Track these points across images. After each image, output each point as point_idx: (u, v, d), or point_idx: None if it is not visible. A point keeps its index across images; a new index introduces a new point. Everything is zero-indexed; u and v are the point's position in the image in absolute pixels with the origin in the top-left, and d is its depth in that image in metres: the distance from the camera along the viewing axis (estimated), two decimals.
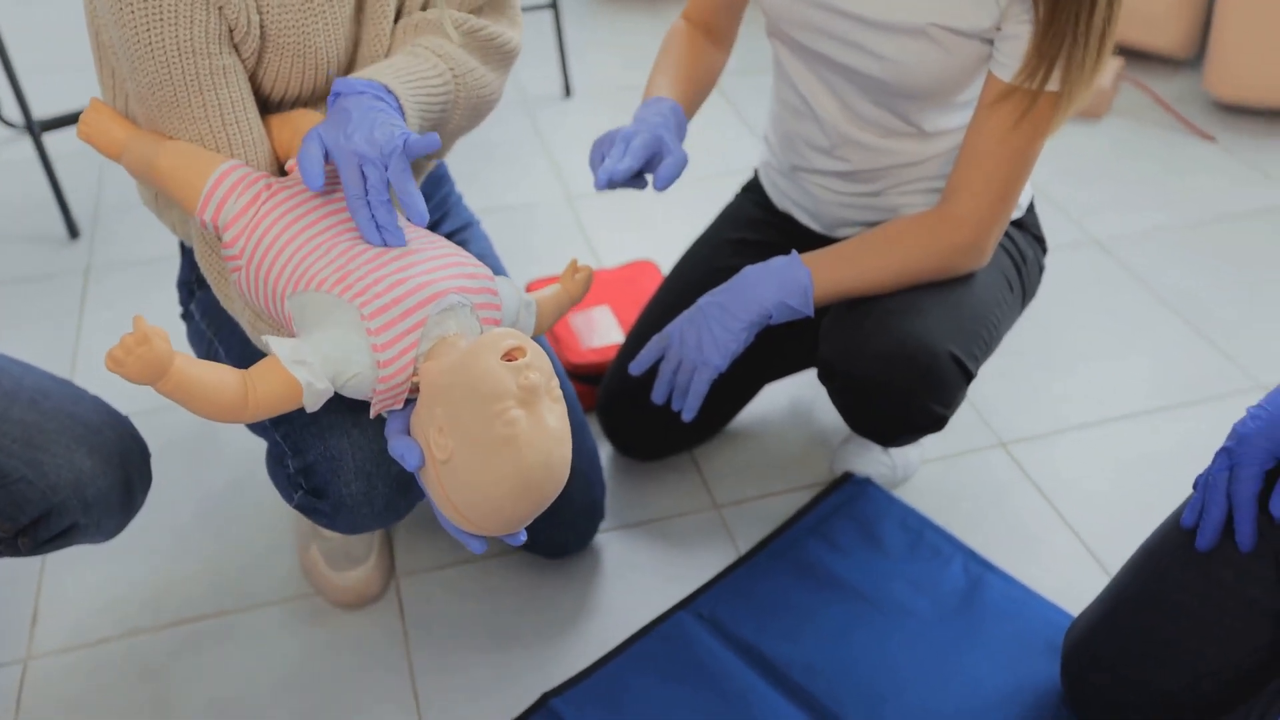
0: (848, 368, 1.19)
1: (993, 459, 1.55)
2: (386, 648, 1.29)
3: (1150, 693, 1.07)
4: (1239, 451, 1.01)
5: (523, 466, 0.83)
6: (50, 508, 1.01)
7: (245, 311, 1.02)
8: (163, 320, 1.79)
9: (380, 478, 1.04)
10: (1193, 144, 2.28)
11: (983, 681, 1.25)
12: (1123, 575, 1.13)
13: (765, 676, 1.25)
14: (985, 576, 1.37)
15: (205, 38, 0.94)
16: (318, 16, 0.99)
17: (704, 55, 1.30)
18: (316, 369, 0.86)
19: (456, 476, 0.84)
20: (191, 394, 0.83)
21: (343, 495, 1.04)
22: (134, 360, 0.78)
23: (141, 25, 0.92)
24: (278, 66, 1.01)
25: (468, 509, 0.85)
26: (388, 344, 0.88)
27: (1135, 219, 2.05)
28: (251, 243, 0.95)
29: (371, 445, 1.04)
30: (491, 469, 0.83)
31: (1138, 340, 1.76)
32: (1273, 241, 1.99)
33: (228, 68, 0.97)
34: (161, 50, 0.93)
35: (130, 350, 0.77)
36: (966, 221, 1.18)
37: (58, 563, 1.39)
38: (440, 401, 0.85)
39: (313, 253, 0.92)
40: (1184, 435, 1.58)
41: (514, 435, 0.82)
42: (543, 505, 0.87)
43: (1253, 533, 1.00)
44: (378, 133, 0.90)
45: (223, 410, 0.85)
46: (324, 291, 0.90)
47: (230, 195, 0.96)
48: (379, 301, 0.88)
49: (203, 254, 1.04)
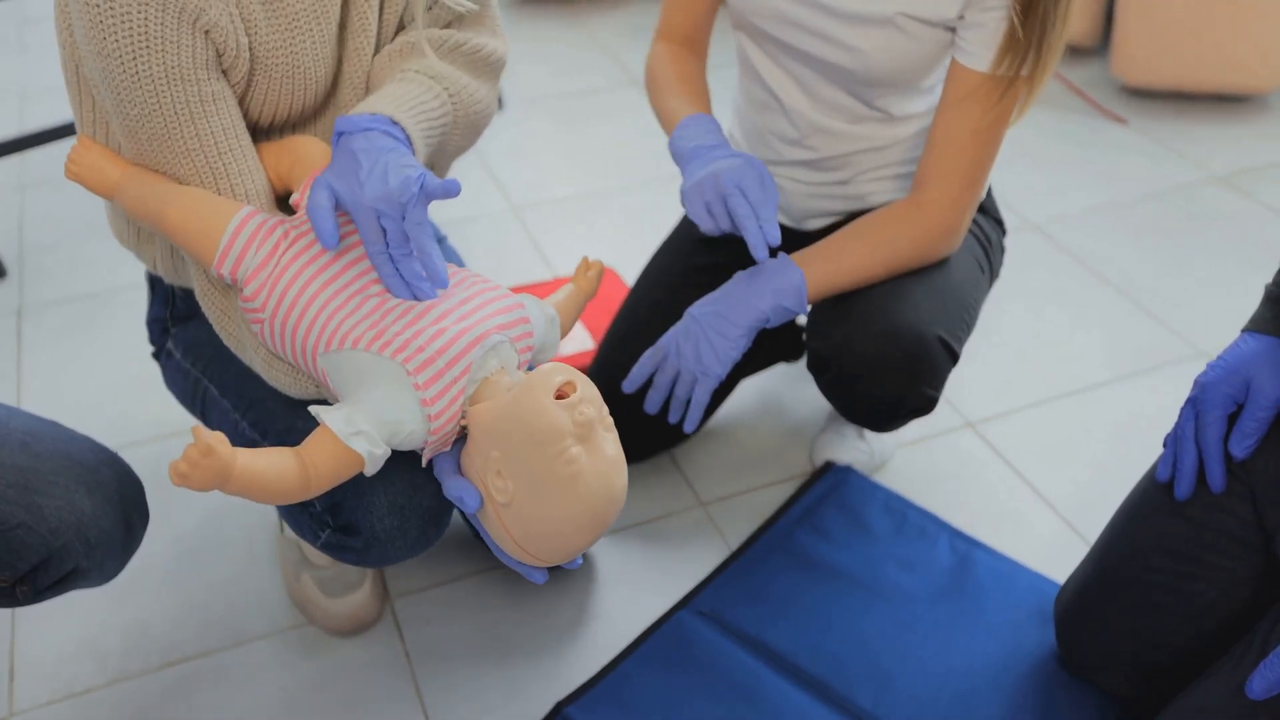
0: (840, 358, 1.21)
1: (963, 439, 1.59)
2: (390, 672, 1.27)
3: (1150, 638, 1.11)
4: (1203, 399, 1.06)
5: (587, 500, 0.84)
6: (51, 553, 0.97)
7: (258, 354, 0.99)
8: (121, 359, 1.73)
9: (412, 511, 1.02)
10: (1107, 127, 2.38)
11: (981, 652, 1.28)
12: (1107, 535, 1.18)
13: (772, 666, 1.26)
14: (972, 553, 1.40)
15: (193, 63, 0.91)
16: (305, 35, 0.97)
17: (696, 69, 1.33)
18: (373, 435, 0.85)
19: (520, 516, 0.84)
20: (256, 488, 0.81)
21: (375, 531, 1.01)
22: (200, 472, 0.76)
23: (127, 54, 0.88)
24: (266, 89, 0.98)
25: (533, 545, 0.84)
26: (436, 396, 0.86)
27: (1066, 202, 2.13)
28: (274, 298, 0.92)
29: (402, 479, 1.02)
30: (557, 507, 0.83)
31: (1083, 317, 1.83)
32: (1193, 215, 2.09)
33: (217, 94, 0.94)
34: (149, 78, 0.89)
35: (196, 463, 0.76)
36: (942, 207, 1.22)
37: (29, 615, 1.33)
38: (496, 445, 0.84)
39: (342, 308, 0.89)
40: (1139, 403, 1.65)
41: (577, 473, 0.82)
42: (604, 530, 0.87)
43: (1223, 474, 1.06)
44: (391, 180, 0.87)
45: (288, 496, 0.84)
46: (361, 350, 0.87)
47: (249, 248, 0.92)
48: (422, 356, 0.87)
49: (205, 292, 1.00)
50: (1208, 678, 1.01)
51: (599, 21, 2.91)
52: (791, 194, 1.40)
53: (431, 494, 1.04)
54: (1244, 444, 1.03)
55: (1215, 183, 2.19)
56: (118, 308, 1.85)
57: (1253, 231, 2.05)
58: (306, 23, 0.97)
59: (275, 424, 1.08)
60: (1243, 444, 1.03)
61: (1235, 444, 1.04)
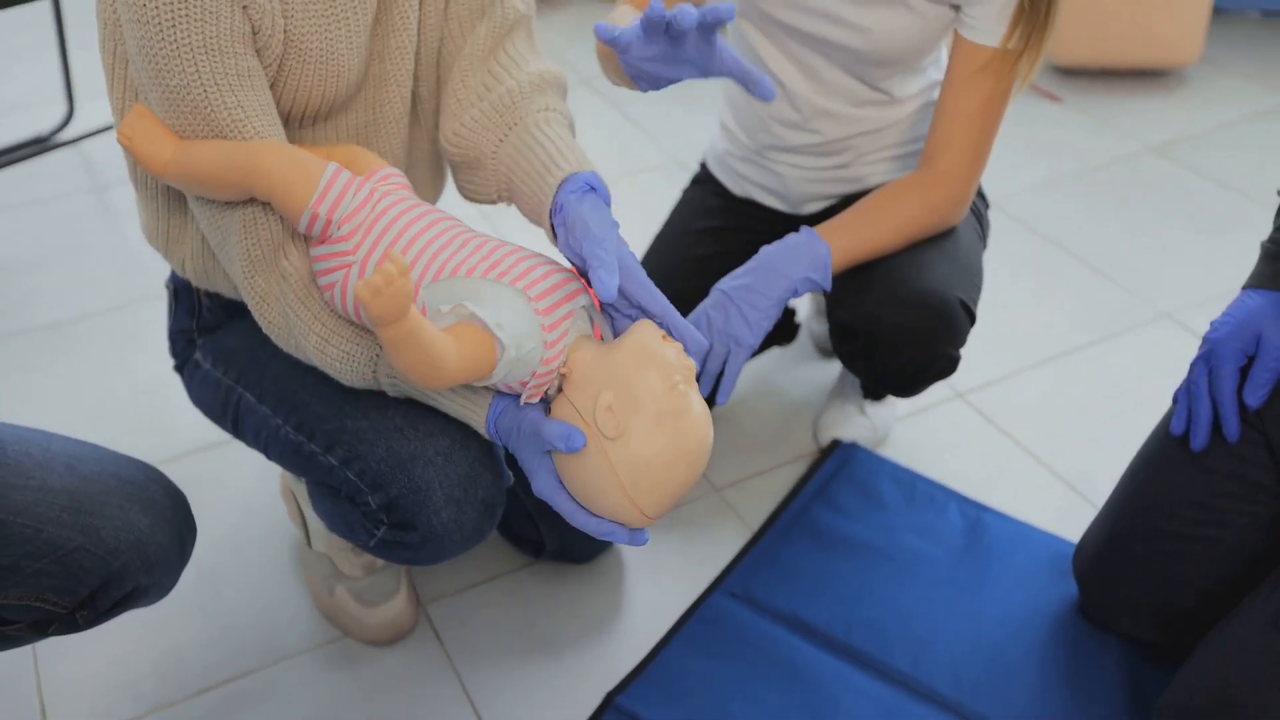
0: (871, 327, 1.25)
1: (955, 410, 1.65)
2: (436, 676, 1.26)
3: (1173, 584, 1.17)
4: (1216, 354, 1.13)
5: (692, 435, 0.86)
6: (110, 574, 0.95)
7: (311, 334, 0.97)
8: (100, 381, 1.68)
9: (469, 503, 1.02)
10: (1044, 106, 2.48)
11: (1005, 609, 1.34)
12: (1124, 489, 1.24)
13: (810, 640, 1.29)
14: (981, 516, 1.46)
15: (230, 35, 0.90)
16: (340, 24, 0.97)
17: None
18: (509, 335, 0.86)
19: (628, 451, 0.86)
20: (420, 342, 0.80)
21: (433, 525, 1.01)
22: (393, 292, 0.75)
23: (166, 22, 0.88)
24: (299, 76, 0.97)
25: (637, 481, 0.86)
26: (553, 325, 0.88)
27: (1015, 178, 2.22)
28: (371, 236, 0.93)
29: (456, 471, 1.02)
30: (665, 439, 0.85)
31: (1048, 286, 1.91)
32: (1133, 183, 2.20)
33: (253, 70, 0.93)
34: (189, 47, 0.89)
35: (392, 280, 0.75)
36: (954, 178, 1.27)
37: (51, 649, 1.29)
38: (605, 384, 0.86)
39: (447, 246, 0.91)
40: (1115, 365, 1.73)
41: (687, 406, 0.86)
42: (697, 478, 0.89)
43: (1238, 424, 1.12)
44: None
45: (436, 365, 0.83)
46: (476, 278, 0.89)
47: (348, 189, 0.93)
48: (540, 286, 0.89)
49: (248, 277, 0.98)
50: (1239, 614, 1.07)
51: (544, 22, 2.91)
52: (791, 180, 1.43)
53: (486, 485, 1.04)
54: (1258, 394, 1.10)
55: (1151, 153, 2.31)
56: (77, 339, 1.80)
57: (1192, 197, 2.16)
58: (343, 11, 0.97)
59: (323, 425, 1.07)
60: (1256, 394, 1.10)
61: (1249, 394, 1.10)
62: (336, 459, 1.04)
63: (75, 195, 2.16)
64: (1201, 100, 2.51)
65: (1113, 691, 1.24)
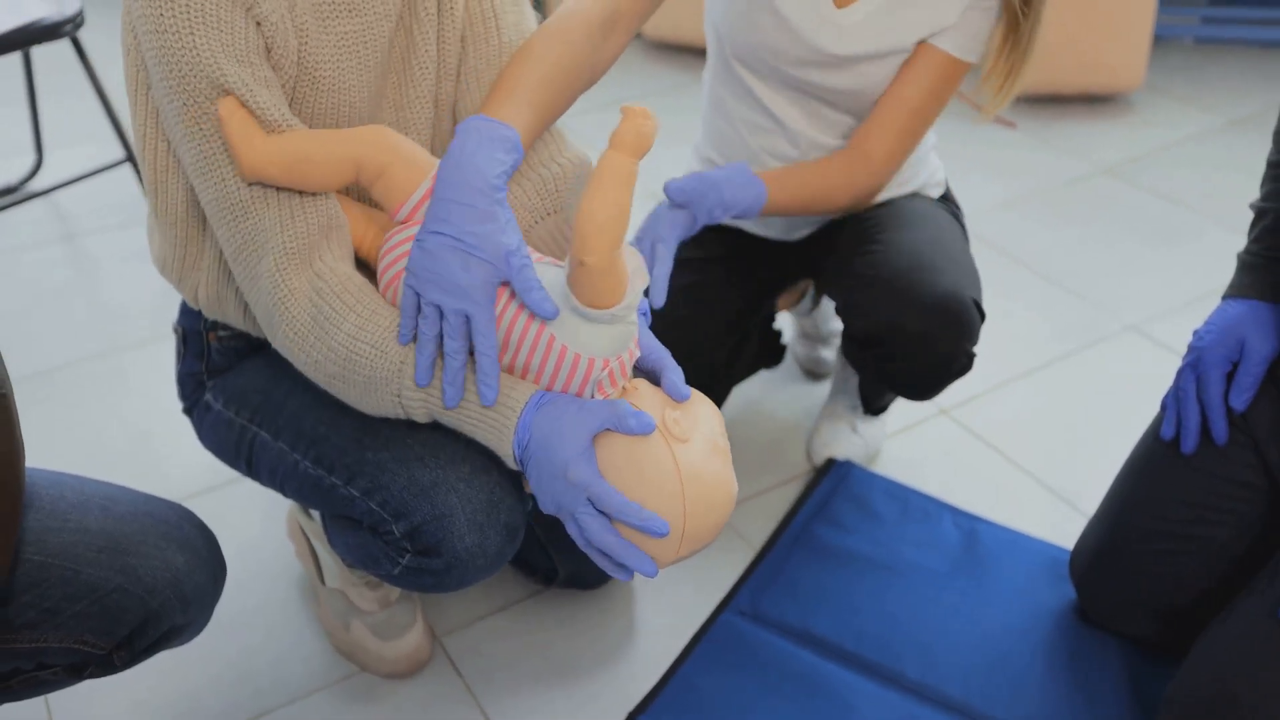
0: (889, 333, 1.29)
1: (940, 425, 1.70)
2: (457, 706, 1.27)
3: (1169, 583, 1.23)
4: (1203, 361, 1.19)
5: (729, 483, 0.94)
6: (149, 614, 0.95)
7: (346, 320, 0.95)
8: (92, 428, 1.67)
9: (491, 528, 1.04)
10: (999, 131, 2.57)
11: (1005, 615, 1.38)
12: (1118, 493, 1.29)
13: (820, 653, 1.33)
14: (975, 527, 1.51)
15: (246, 46, 0.93)
16: (352, 53, 1.00)
17: (587, 60, 1.12)
18: (633, 289, 0.91)
19: (692, 457, 0.90)
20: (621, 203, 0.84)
21: (457, 551, 1.03)
22: (653, 129, 0.83)
23: (184, 29, 0.90)
24: (313, 104, 1.00)
25: (694, 489, 0.90)
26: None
27: (976, 199, 2.30)
28: None
29: (479, 496, 1.03)
30: (715, 467, 0.92)
31: (1016, 302, 1.98)
32: (1088, 202, 2.29)
33: (270, 81, 0.95)
34: (208, 52, 0.91)
35: (650, 117, 0.82)
36: (877, 159, 1.32)
37: (65, 698, 1.27)
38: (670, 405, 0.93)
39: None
40: (1087, 376, 1.80)
41: (729, 455, 0.95)
42: (717, 532, 0.95)
43: (1226, 427, 1.18)
44: None
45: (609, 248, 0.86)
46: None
47: None
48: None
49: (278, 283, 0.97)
50: (1239, 605, 1.13)
51: None
52: None
53: (508, 509, 1.06)
54: (1243, 397, 1.16)
55: (1102, 173, 2.40)
56: (67, 386, 1.78)
57: (1145, 213, 2.26)
58: (354, 44, 1.00)
59: (343, 458, 1.07)
60: (1242, 397, 1.16)
61: (1235, 398, 1.16)
62: (358, 490, 1.06)
63: (47, 245, 2.14)
64: (1145, 122, 2.62)
65: (1116, 690, 1.29)
